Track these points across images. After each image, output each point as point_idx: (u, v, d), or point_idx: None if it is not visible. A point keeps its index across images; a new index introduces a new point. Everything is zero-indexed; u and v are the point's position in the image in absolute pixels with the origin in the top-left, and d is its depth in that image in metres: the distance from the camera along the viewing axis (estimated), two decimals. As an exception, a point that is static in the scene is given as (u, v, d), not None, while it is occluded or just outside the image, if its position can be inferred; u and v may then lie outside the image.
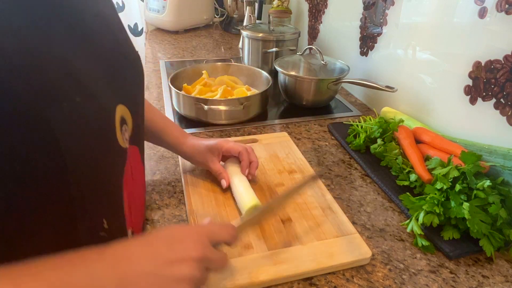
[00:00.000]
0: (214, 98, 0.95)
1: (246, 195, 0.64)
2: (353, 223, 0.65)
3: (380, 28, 1.01)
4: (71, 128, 0.32)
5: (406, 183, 0.70)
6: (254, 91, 1.05)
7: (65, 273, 0.33)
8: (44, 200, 0.33)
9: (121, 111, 0.41)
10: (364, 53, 1.11)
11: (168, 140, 0.70)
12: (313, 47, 1.08)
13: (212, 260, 0.41)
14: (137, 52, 0.48)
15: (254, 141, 0.86)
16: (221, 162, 0.72)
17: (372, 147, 0.80)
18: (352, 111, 1.07)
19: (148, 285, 0.36)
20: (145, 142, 0.84)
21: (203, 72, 1.09)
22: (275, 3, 1.47)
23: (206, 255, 0.40)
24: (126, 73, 0.44)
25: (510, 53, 0.65)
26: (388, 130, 0.82)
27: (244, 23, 1.56)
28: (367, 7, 1.06)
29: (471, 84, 0.75)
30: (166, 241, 0.39)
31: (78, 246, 0.37)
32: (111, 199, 0.43)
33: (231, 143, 0.71)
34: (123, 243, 0.38)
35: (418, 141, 0.78)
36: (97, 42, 0.40)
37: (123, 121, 0.42)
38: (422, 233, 0.60)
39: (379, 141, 0.80)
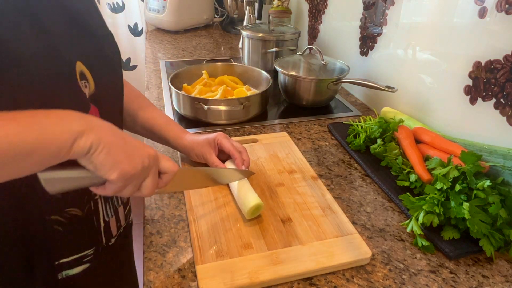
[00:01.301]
0: (214, 98, 0.95)
1: (248, 195, 0.64)
2: (353, 223, 0.65)
3: (380, 28, 1.01)
4: (31, 51, 0.41)
5: (406, 183, 0.70)
6: (254, 91, 1.05)
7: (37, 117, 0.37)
8: None
9: (80, 67, 0.47)
10: (364, 53, 1.11)
11: (168, 135, 0.73)
12: (313, 47, 1.08)
13: (153, 172, 0.46)
14: (109, 30, 0.55)
15: (254, 141, 0.86)
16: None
17: (372, 147, 0.80)
18: (352, 111, 1.07)
19: (113, 138, 0.41)
20: (144, 142, 0.85)
21: (203, 72, 1.09)
22: (275, 3, 1.47)
23: (154, 163, 0.46)
24: (92, 40, 0.51)
25: (510, 53, 0.65)
26: (388, 130, 0.82)
27: (244, 23, 1.56)
28: (367, 7, 1.06)
29: (471, 84, 0.75)
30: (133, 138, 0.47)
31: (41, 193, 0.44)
32: None
33: (225, 140, 0.72)
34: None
35: (418, 141, 0.78)
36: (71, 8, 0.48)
37: (82, 76, 0.48)
38: (422, 233, 0.60)
39: (379, 141, 0.80)
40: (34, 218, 0.49)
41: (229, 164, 0.71)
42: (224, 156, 0.73)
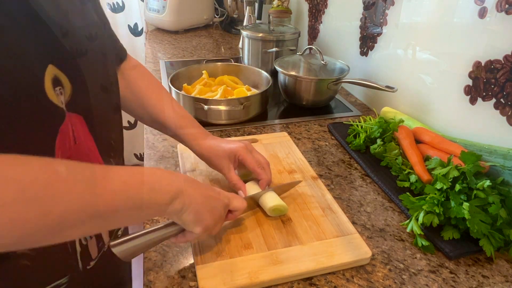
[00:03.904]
0: (214, 98, 0.95)
1: (271, 196, 0.64)
2: (353, 223, 0.65)
3: (380, 28, 1.01)
4: None
5: (406, 184, 0.70)
6: (254, 91, 1.05)
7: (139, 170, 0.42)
8: None
9: (52, 71, 0.40)
10: (364, 53, 1.11)
11: (183, 138, 0.68)
12: (313, 47, 1.08)
13: (219, 223, 0.53)
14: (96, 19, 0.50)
15: (254, 141, 0.86)
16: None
17: (371, 147, 0.80)
18: (352, 111, 1.07)
19: (199, 199, 0.47)
20: (144, 142, 0.85)
21: (203, 72, 1.09)
22: (275, 3, 1.47)
23: (227, 208, 0.54)
24: (73, 41, 0.44)
25: (510, 53, 0.65)
26: (388, 130, 0.82)
27: (244, 23, 1.56)
28: (367, 7, 1.06)
29: (471, 84, 0.75)
30: (210, 187, 0.53)
31: None
32: (39, 153, 0.40)
33: (248, 155, 0.66)
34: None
35: (418, 141, 0.78)
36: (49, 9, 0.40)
37: (56, 82, 0.41)
38: (422, 233, 0.60)
39: (378, 141, 0.80)
40: None
41: (251, 185, 0.66)
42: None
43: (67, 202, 0.34)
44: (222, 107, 0.92)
